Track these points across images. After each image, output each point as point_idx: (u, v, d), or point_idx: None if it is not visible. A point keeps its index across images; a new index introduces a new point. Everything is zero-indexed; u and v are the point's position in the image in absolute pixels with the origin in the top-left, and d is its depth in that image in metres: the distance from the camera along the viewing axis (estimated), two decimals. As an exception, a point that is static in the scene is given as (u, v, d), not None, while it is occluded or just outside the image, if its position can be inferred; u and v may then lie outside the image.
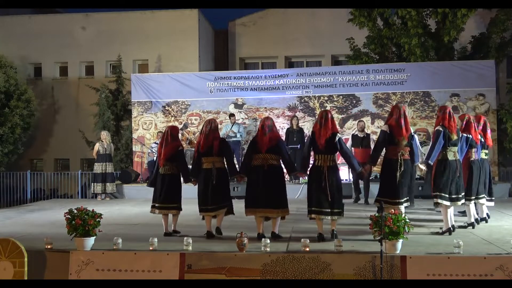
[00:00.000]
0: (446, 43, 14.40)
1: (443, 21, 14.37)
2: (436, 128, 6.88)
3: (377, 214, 5.77)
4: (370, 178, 11.98)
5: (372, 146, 10.64)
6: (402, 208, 6.71)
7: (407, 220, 5.78)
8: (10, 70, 16.10)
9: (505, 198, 11.31)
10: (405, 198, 6.76)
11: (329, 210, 6.35)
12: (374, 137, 13.14)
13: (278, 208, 6.59)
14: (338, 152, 6.54)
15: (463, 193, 6.91)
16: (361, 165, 6.84)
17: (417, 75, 13.19)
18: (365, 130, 11.12)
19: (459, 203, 6.91)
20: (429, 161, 6.77)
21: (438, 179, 6.81)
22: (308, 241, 5.86)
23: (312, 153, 6.66)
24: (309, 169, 6.67)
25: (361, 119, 12.15)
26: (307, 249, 5.78)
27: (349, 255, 5.68)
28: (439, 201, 6.78)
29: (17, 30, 18.23)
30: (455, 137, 6.83)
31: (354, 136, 10.87)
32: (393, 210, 5.85)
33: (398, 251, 5.60)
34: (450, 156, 6.79)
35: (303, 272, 5.54)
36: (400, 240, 5.61)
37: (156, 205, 7.14)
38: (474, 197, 7.27)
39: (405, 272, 5.40)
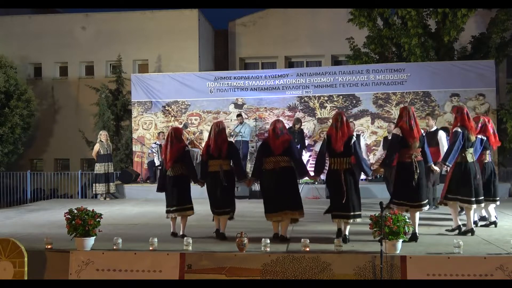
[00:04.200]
0: (446, 43, 14.39)
1: (443, 21, 14.35)
2: (454, 129, 6.71)
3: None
4: (369, 179, 12.02)
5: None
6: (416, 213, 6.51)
7: (407, 220, 5.79)
8: (10, 70, 16.08)
9: (505, 198, 11.30)
10: (426, 200, 6.48)
11: (351, 214, 6.29)
12: (374, 137, 13.20)
13: (294, 210, 6.54)
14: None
15: (482, 196, 6.84)
16: (371, 168, 6.79)
17: (417, 75, 13.17)
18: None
19: (482, 205, 6.90)
20: (447, 163, 6.59)
21: (457, 181, 6.69)
22: (308, 241, 5.87)
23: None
24: (325, 172, 6.59)
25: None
26: (307, 249, 5.78)
27: (349, 255, 5.68)
28: (459, 203, 6.73)
29: (17, 30, 18.23)
30: (473, 138, 6.73)
31: None
32: (393, 210, 5.86)
33: (398, 251, 5.61)
34: (469, 158, 6.68)
35: (303, 272, 5.54)
36: (400, 240, 5.61)
37: (172, 209, 7.05)
38: (492, 198, 7.30)
39: (405, 272, 5.41)
